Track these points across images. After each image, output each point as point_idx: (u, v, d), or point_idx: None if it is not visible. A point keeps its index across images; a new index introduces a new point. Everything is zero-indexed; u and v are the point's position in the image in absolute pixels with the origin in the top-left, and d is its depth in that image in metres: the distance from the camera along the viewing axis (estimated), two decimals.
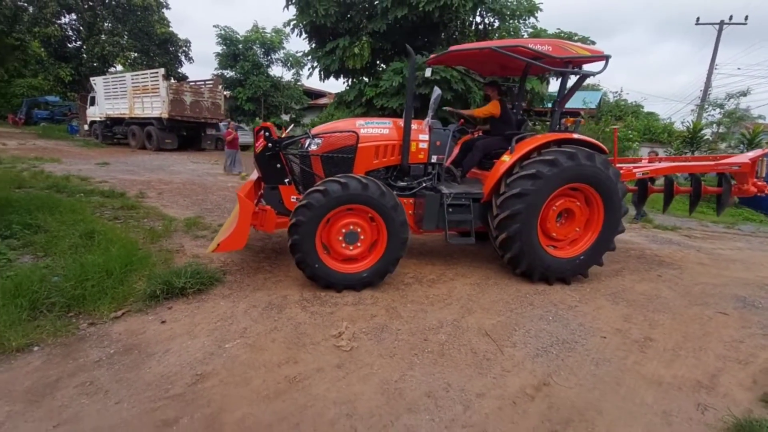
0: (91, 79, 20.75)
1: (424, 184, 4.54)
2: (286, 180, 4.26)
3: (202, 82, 19.37)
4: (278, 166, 4.22)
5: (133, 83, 17.75)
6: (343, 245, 3.89)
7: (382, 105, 8.76)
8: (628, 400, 2.57)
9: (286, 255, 4.50)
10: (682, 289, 4.66)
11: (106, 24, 25.21)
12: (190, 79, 23.71)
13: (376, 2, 9.43)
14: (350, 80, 10.68)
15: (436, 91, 4.45)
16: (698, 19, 22.04)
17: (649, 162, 6.31)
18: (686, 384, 2.78)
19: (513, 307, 3.85)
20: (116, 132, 19.36)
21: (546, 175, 4.11)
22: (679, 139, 16.53)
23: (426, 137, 4.47)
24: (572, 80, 4.54)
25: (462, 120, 5.30)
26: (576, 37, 8.85)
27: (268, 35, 25.42)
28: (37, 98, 29.01)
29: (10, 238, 4.64)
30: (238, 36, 24.84)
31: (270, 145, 4.12)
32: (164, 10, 27.16)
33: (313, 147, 4.32)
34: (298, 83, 27.41)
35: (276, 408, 2.30)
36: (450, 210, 4.36)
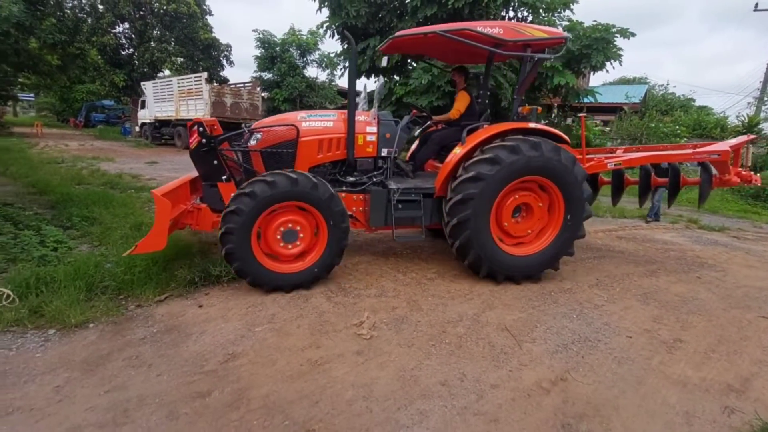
0: (142, 83, 22.18)
1: (374, 180, 4.35)
2: (224, 177, 3.98)
3: (242, 85, 20.23)
4: (215, 162, 3.93)
5: (179, 87, 18.82)
6: (282, 245, 3.72)
7: (411, 102, 8.84)
8: (649, 399, 2.53)
9: None
10: (722, 291, 4.43)
11: (155, 32, 26.78)
12: (230, 82, 24.81)
13: (407, 1, 9.50)
14: (380, 79, 10.83)
15: (380, 81, 4.41)
16: (756, 5, 20.39)
17: (624, 152, 5.81)
18: (714, 387, 2.69)
19: (536, 304, 3.83)
20: (164, 133, 20.60)
21: (488, 176, 3.87)
22: (732, 135, 15.41)
23: (374, 129, 4.27)
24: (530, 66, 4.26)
25: (415, 110, 5.05)
26: (614, 29, 8.50)
27: (304, 37, 26.05)
28: (94, 102, 31.45)
29: (71, 229, 5.16)
30: (275, 39, 25.64)
31: (204, 141, 3.83)
32: (207, 17, 28.51)
33: (253, 142, 4.13)
34: (333, 83, 27.93)
35: (298, 387, 2.46)
36: (399, 206, 4.17)
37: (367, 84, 5.73)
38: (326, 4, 9.15)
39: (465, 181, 3.92)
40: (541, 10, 9.27)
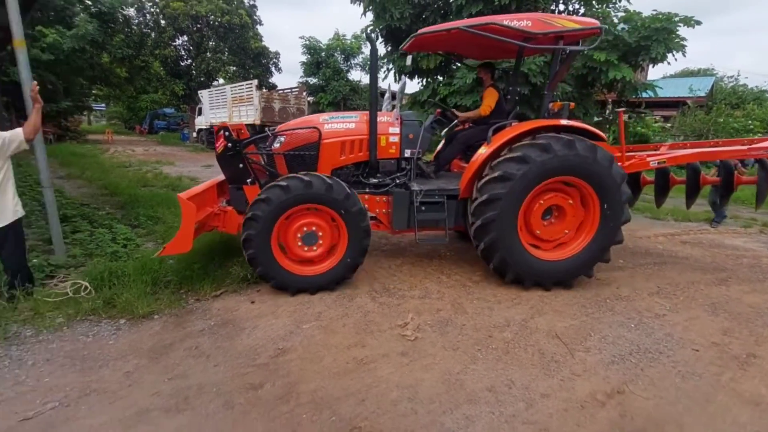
0: (199, 92, 23.67)
1: (396, 181, 4.26)
2: (249, 180, 4.02)
3: (289, 90, 20.99)
4: (240, 166, 3.99)
5: (232, 94, 19.88)
6: (302, 247, 3.73)
7: (456, 103, 8.73)
8: (717, 417, 2.32)
9: None
10: None
11: (210, 43, 28.54)
12: (278, 88, 25.83)
13: (451, 0, 9.39)
14: (424, 80, 10.79)
15: (402, 80, 4.23)
16: None
17: (669, 149, 5.28)
18: None
19: (590, 311, 3.64)
20: None
21: (516, 176, 3.66)
22: None
23: (396, 130, 4.18)
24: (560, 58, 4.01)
25: (439, 110, 4.86)
26: (676, 18, 7.88)
27: (348, 42, 26.59)
28: (157, 111, 34.01)
29: (138, 227, 5.62)
30: (321, 45, 26.38)
31: (230, 145, 3.90)
32: (258, 27, 29.91)
33: (276, 145, 4.14)
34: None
35: (344, 384, 2.51)
36: (422, 208, 4.06)
37: (391, 84, 5.64)
38: (370, 8, 9.28)
39: (491, 181, 3.75)
40: (594, 1, 8.81)
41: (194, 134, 25.01)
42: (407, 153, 4.25)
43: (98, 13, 18.45)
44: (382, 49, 10.33)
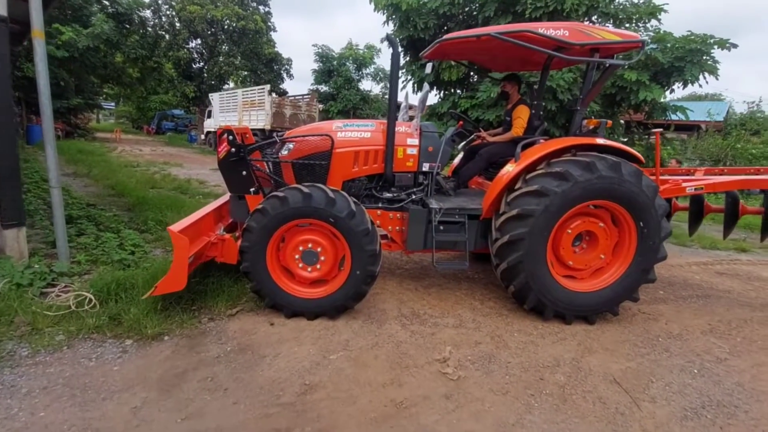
0: (210, 95, 23.60)
1: (413, 197, 3.93)
2: (252, 189, 3.67)
3: (300, 96, 20.87)
4: (244, 173, 3.62)
5: (243, 98, 19.76)
6: (301, 266, 3.36)
7: (478, 117, 8.48)
8: None
9: (384, 268, 4.44)
10: None
11: (224, 47, 28.59)
12: (289, 94, 25.78)
13: (475, 12, 9.22)
14: (442, 92, 10.59)
15: (425, 88, 3.87)
16: None
17: (705, 174, 4.96)
18: None
19: (643, 351, 3.29)
20: None
21: (554, 192, 3.34)
22: None
23: (415, 142, 3.86)
24: (596, 73, 3.73)
25: (461, 122, 4.49)
26: (711, 40, 7.66)
27: (361, 51, 26.60)
28: (165, 111, 34.01)
29: (146, 233, 5.31)
30: (333, 53, 26.39)
31: (234, 150, 3.53)
32: (272, 33, 30.02)
33: (284, 152, 3.82)
34: (386, 96, 28.15)
35: None
36: (441, 228, 3.70)
37: (409, 95, 5.32)
38: (393, 17, 9.12)
39: (525, 195, 3.41)
40: (622, 20, 8.61)
41: (202, 136, 24.90)
42: (425, 167, 3.92)
43: (115, 14, 18.46)
44: (401, 59, 10.13)
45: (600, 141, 3.63)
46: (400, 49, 3.88)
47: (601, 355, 3.17)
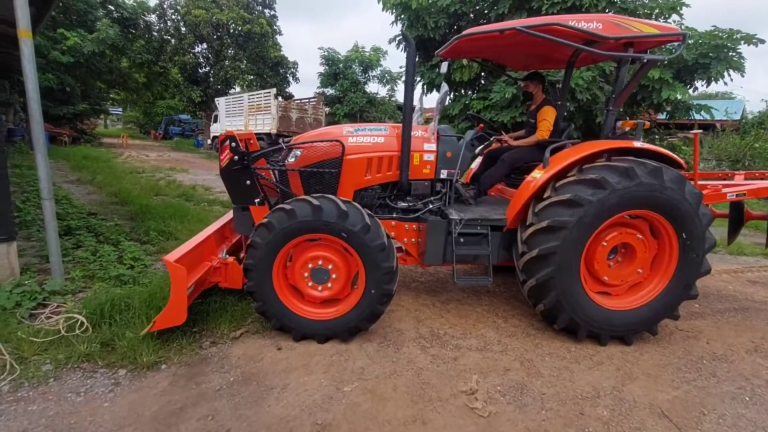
0: (216, 99, 23.52)
1: (430, 206, 3.65)
2: (256, 200, 3.40)
3: (306, 100, 20.68)
4: (248, 182, 3.35)
5: (249, 102, 19.62)
6: (310, 285, 3.10)
7: (491, 119, 8.16)
8: None
9: (398, 281, 4.15)
10: None
11: (229, 51, 28.54)
12: (295, 98, 25.62)
13: (486, 10, 8.93)
14: (453, 93, 10.29)
15: (444, 88, 3.51)
16: None
17: (745, 178, 4.66)
18: None
19: (689, 377, 2.96)
20: None
21: (589, 201, 3.03)
22: None
23: (433, 147, 3.58)
24: (628, 68, 3.43)
25: (481, 125, 4.20)
26: (738, 35, 7.28)
27: (367, 54, 26.37)
28: (172, 116, 34.06)
29: (148, 244, 5.07)
30: (339, 56, 26.21)
31: (237, 157, 3.27)
32: (277, 36, 29.92)
33: (291, 159, 3.55)
34: (392, 99, 27.89)
35: None
36: (461, 240, 3.43)
37: (424, 97, 5.04)
38: (403, 16, 8.85)
39: (556, 205, 3.10)
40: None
41: (209, 141, 24.83)
42: (444, 174, 3.63)
43: (120, 18, 18.45)
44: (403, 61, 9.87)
45: (637, 144, 3.32)
46: (409, 38, 3.55)
47: (644, 381, 2.85)
